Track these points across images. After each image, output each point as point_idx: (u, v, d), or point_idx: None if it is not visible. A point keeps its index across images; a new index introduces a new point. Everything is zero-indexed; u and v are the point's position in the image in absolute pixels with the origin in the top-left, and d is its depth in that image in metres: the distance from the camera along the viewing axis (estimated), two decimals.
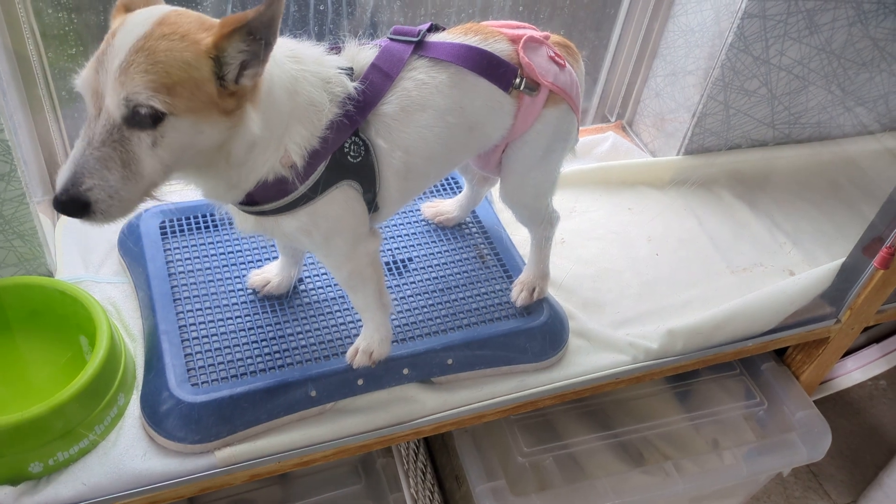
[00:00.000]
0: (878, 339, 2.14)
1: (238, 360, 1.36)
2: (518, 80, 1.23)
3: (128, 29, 0.91)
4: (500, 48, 1.23)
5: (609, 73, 2.10)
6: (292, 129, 1.06)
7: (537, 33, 1.28)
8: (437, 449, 1.83)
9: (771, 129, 2.02)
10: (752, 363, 1.89)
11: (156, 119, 0.90)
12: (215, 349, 1.37)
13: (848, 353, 2.04)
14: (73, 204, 0.90)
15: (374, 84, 1.14)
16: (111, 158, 0.90)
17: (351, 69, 1.14)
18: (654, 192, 1.98)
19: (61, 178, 0.91)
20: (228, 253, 1.55)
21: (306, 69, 1.08)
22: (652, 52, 2.01)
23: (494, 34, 1.25)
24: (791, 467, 1.79)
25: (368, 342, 1.35)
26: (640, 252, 1.80)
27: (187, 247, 1.55)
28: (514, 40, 1.25)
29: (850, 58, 1.91)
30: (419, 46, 1.19)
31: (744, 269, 1.81)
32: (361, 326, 1.37)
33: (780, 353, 1.90)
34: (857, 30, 1.85)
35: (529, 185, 1.39)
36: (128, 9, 0.97)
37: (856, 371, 2.01)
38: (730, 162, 2.02)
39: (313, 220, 1.14)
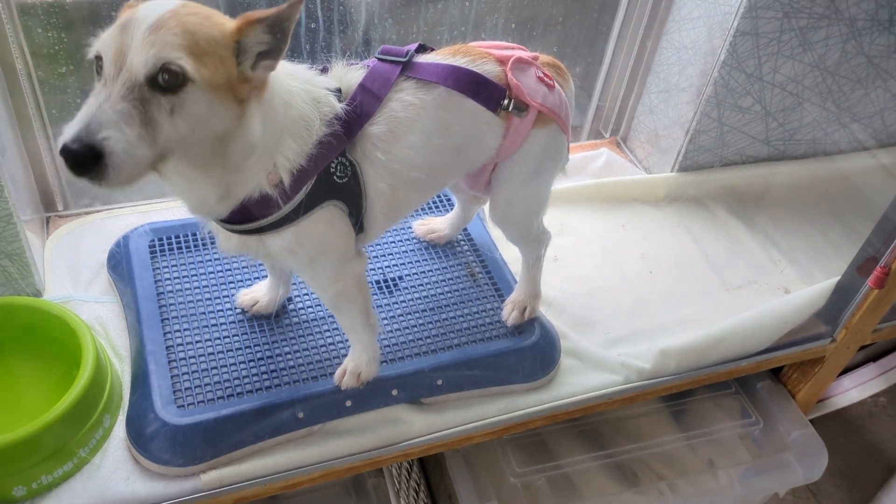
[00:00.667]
0: (875, 358, 2.12)
1: (225, 381, 1.35)
2: (506, 102, 1.22)
3: (151, 5, 0.91)
4: (488, 69, 1.23)
5: (603, 89, 2.10)
6: (284, 142, 1.06)
7: (526, 54, 1.28)
8: (430, 467, 1.81)
9: (766, 146, 2.01)
10: (748, 382, 1.87)
11: (177, 86, 0.89)
12: (202, 370, 1.36)
13: (845, 371, 2.02)
14: (86, 153, 0.84)
15: (362, 104, 1.13)
16: (130, 115, 0.87)
17: (339, 90, 1.13)
18: (649, 208, 1.97)
19: (71, 128, 0.85)
20: (217, 272, 1.54)
21: (300, 86, 1.09)
22: (646, 69, 2.01)
23: (482, 55, 1.24)
24: (787, 488, 1.77)
25: (356, 363, 1.33)
26: (634, 270, 1.79)
27: (176, 266, 1.54)
28: (503, 61, 1.24)
29: (844, 75, 1.90)
30: (407, 67, 1.18)
31: (738, 286, 1.79)
32: (349, 347, 1.36)
33: (776, 372, 1.88)
34: (850, 46, 1.84)
35: (519, 204, 1.38)
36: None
37: (853, 390, 1.99)
38: (724, 178, 2.01)
39: (298, 239, 1.13)
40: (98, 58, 0.91)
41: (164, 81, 0.89)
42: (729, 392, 1.87)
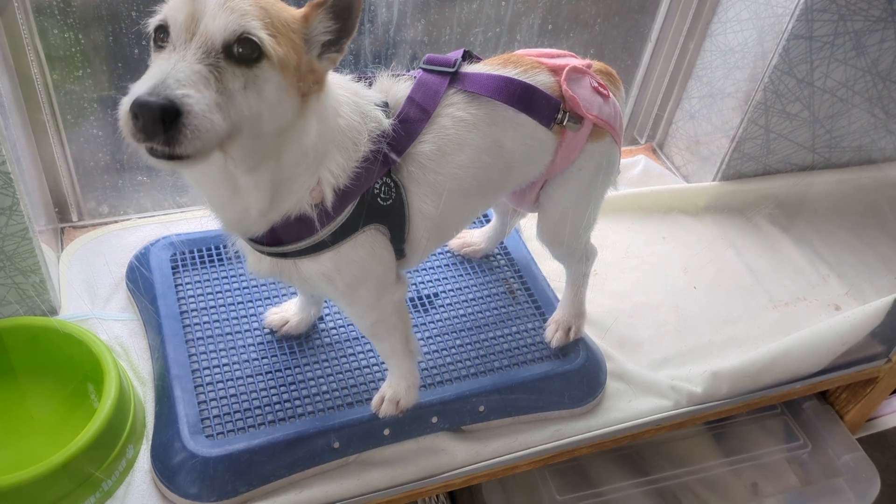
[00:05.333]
0: None
1: (255, 408, 1.26)
2: (560, 115, 1.14)
3: None
4: (541, 80, 1.14)
5: (640, 94, 2.01)
6: (330, 154, 0.98)
7: (579, 62, 1.19)
8: (459, 490, 1.73)
9: (811, 154, 1.92)
10: (794, 402, 1.79)
11: (252, 60, 0.83)
12: (230, 396, 1.27)
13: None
14: (165, 108, 0.74)
15: (410, 121, 1.05)
16: (208, 78, 0.79)
17: (386, 103, 1.05)
18: (689, 219, 1.88)
19: (142, 84, 0.77)
20: (244, 289, 1.46)
21: (348, 97, 1.02)
22: (687, 73, 1.92)
23: (534, 65, 1.15)
24: None
25: (395, 390, 1.25)
26: (677, 284, 1.70)
27: (200, 282, 1.45)
28: (556, 71, 1.16)
29: (895, 79, 1.81)
30: (455, 78, 1.10)
31: (786, 303, 1.71)
32: (387, 370, 1.27)
33: (823, 392, 1.80)
34: None
35: (569, 223, 1.29)
36: None
37: None
38: (768, 188, 1.92)
39: (337, 265, 1.04)
40: (162, 28, 0.83)
41: (239, 53, 0.82)
42: (773, 413, 1.79)
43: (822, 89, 1.76)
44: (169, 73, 0.77)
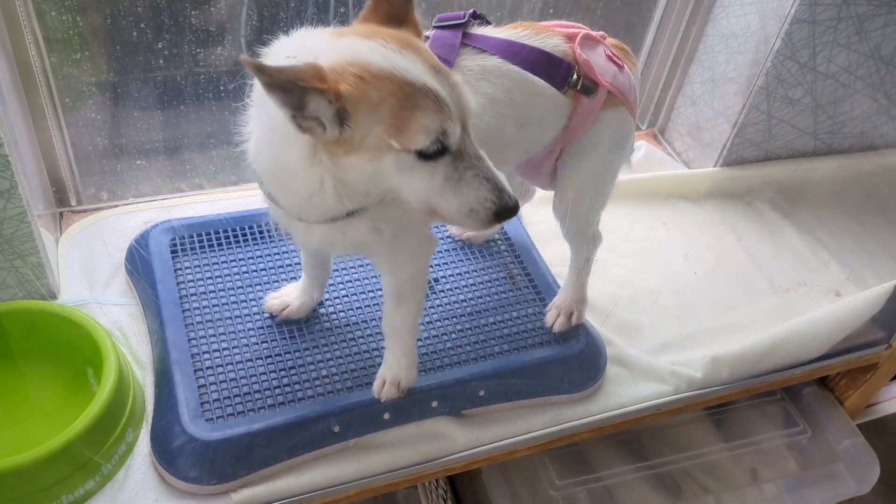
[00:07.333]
0: None
1: (255, 392, 1.26)
2: (574, 79, 1.13)
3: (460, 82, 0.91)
4: (554, 44, 1.14)
5: (642, 79, 1.99)
6: None
7: (593, 32, 1.19)
8: (458, 476, 1.73)
9: (812, 139, 1.91)
10: (794, 387, 1.79)
11: None
12: (230, 380, 1.27)
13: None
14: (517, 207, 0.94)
15: None
16: None
17: None
18: (690, 205, 1.87)
19: (510, 191, 0.92)
20: (244, 273, 1.45)
21: None
22: (689, 57, 1.91)
23: (546, 29, 1.16)
24: (838, 500, 1.69)
25: (395, 371, 1.25)
26: (678, 271, 1.70)
27: (199, 266, 1.45)
28: (570, 37, 1.16)
29: None
30: (466, 35, 1.10)
31: (787, 289, 1.70)
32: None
33: (823, 378, 1.80)
34: None
35: (586, 195, 1.28)
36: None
37: None
38: (770, 174, 1.91)
39: (385, 212, 1.03)
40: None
41: None
42: (773, 399, 1.79)
43: (824, 74, 1.75)
44: (503, 180, 0.92)
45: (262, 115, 0.94)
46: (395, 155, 0.86)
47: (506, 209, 0.91)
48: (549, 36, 1.15)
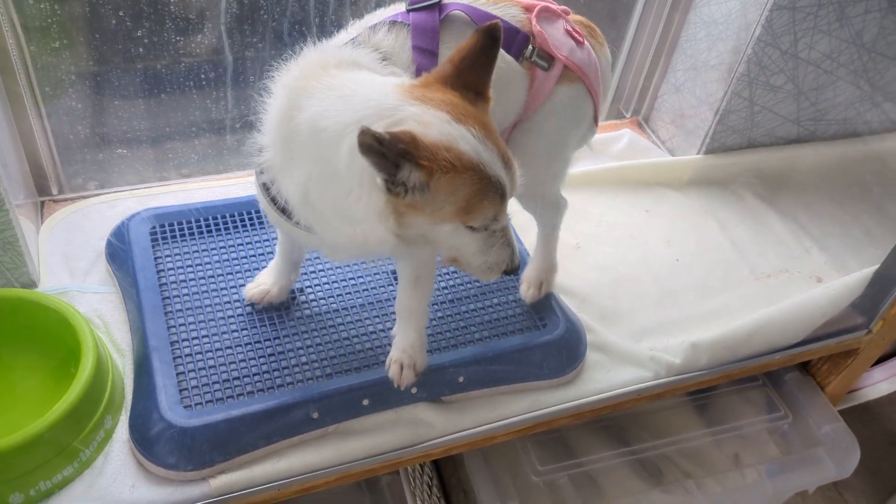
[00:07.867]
0: None
1: (234, 378, 1.27)
2: (529, 50, 1.14)
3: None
4: (511, 14, 1.15)
5: (625, 67, 2.00)
6: None
7: (554, 6, 1.19)
8: (442, 459, 1.74)
9: (795, 126, 1.92)
10: (775, 373, 1.80)
11: None
12: (209, 367, 1.28)
13: (876, 362, 1.94)
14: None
15: (426, 69, 1.06)
16: None
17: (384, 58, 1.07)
18: (673, 192, 1.88)
19: (518, 253, 1.08)
20: (224, 261, 1.46)
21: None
22: (671, 45, 1.91)
23: (508, 0, 1.16)
24: (818, 484, 1.70)
25: (410, 353, 1.26)
26: (660, 257, 1.70)
27: (179, 254, 1.45)
28: (529, 9, 1.16)
29: (881, 51, 1.80)
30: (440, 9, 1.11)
31: (768, 275, 1.71)
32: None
33: (805, 364, 1.81)
34: (889, 21, 1.74)
35: (537, 168, 1.28)
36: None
37: (883, 382, 1.91)
38: (752, 161, 1.92)
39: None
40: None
41: None
42: (755, 385, 1.80)
43: (806, 61, 1.75)
44: (516, 244, 1.07)
45: (320, 160, 0.96)
46: (454, 226, 0.97)
47: (513, 269, 1.07)
48: (508, 6, 1.15)
